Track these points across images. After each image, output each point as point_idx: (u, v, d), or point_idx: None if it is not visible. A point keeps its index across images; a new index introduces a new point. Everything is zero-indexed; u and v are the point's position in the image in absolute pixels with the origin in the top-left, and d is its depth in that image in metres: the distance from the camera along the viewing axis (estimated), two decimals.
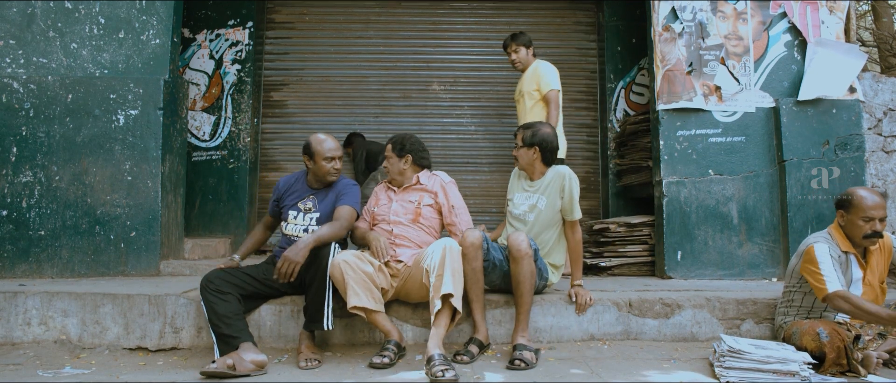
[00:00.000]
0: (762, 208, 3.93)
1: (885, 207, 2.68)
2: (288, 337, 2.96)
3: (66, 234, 3.62)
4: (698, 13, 4.07)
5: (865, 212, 2.64)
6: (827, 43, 3.99)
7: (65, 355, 2.82)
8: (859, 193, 2.68)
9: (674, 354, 2.86)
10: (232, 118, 5.06)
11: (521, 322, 2.82)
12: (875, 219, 2.63)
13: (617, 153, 5.11)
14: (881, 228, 2.66)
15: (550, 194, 3.07)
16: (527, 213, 3.11)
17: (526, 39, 4.18)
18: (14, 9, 3.75)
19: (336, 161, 2.98)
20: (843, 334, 2.46)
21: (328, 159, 2.95)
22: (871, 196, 2.66)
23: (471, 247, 2.79)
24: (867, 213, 2.63)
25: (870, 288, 2.72)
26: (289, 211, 3.01)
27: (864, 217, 2.65)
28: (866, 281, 2.72)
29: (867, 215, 2.64)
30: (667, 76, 4.03)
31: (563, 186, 3.05)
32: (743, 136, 3.98)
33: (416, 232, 3.06)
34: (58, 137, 3.67)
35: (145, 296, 2.97)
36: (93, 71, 3.75)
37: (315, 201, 3.01)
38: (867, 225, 2.65)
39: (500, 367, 2.65)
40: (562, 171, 3.09)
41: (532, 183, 3.14)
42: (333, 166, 2.98)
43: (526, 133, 3.12)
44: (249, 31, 5.12)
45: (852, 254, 2.72)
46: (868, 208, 2.63)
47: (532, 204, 3.10)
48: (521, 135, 3.13)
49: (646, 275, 4.11)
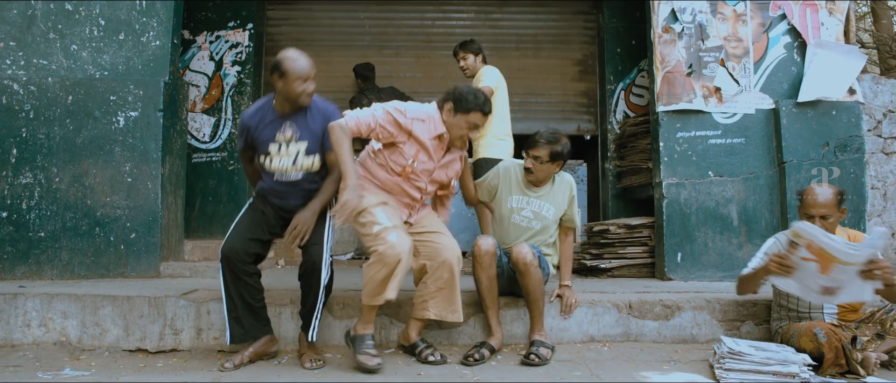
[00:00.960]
0: (762, 210, 3.93)
1: (833, 207, 2.68)
2: (287, 339, 2.96)
3: (66, 236, 3.62)
4: (698, 15, 4.07)
5: (807, 208, 2.71)
6: (826, 44, 3.99)
7: (64, 357, 2.82)
8: (810, 190, 2.74)
9: (674, 356, 2.86)
10: (232, 120, 5.06)
11: (537, 322, 2.86)
12: (815, 216, 2.67)
13: (617, 154, 5.12)
14: (821, 226, 2.64)
15: (558, 203, 3.02)
16: (531, 220, 2.99)
17: (475, 47, 4.20)
18: (14, 10, 3.75)
19: (310, 81, 2.64)
20: (840, 334, 2.48)
21: (302, 80, 2.61)
22: (821, 193, 2.70)
23: (486, 255, 2.78)
24: (808, 210, 2.70)
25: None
26: (267, 145, 2.72)
27: (806, 213, 2.72)
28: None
29: (808, 212, 2.70)
30: (667, 78, 4.03)
31: (572, 196, 3.04)
32: (743, 138, 3.98)
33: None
34: (58, 139, 3.67)
35: (145, 298, 2.97)
36: (93, 72, 3.75)
37: (294, 128, 2.71)
38: (808, 221, 2.68)
39: (511, 365, 2.72)
40: (568, 180, 3.06)
41: (536, 189, 3.02)
42: (306, 88, 2.64)
43: (554, 147, 2.89)
44: (249, 33, 5.13)
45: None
46: (809, 205, 2.70)
47: (537, 211, 3.00)
48: (548, 149, 2.89)
49: (646, 277, 4.11)
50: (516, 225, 3.01)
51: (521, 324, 3.04)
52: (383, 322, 3.01)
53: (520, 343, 3.02)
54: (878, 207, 4.16)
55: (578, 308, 3.08)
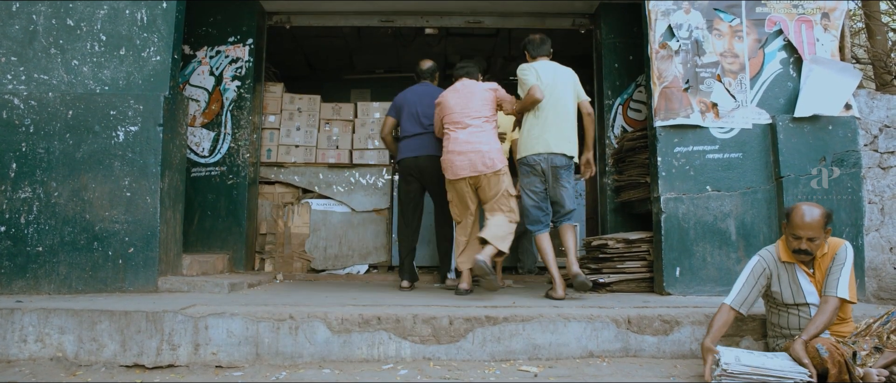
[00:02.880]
0: (760, 224, 3.93)
1: (820, 229, 2.67)
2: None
3: (65, 250, 3.62)
4: (694, 31, 4.11)
5: (794, 229, 2.70)
6: (822, 60, 4.03)
7: (61, 372, 2.81)
8: (797, 210, 2.72)
9: (673, 371, 2.85)
10: (231, 134, 5.08)
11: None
12: (802, 238, 2.67)
13: (615, 169, 5.13)
14: (808, 247, 2.68)
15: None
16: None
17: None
18: (16, 26, 3.78)
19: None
20: (841, 349, 2.47)
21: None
22: (808, 213, 2.67)
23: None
24: (795, 232, 2.69)
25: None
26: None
27: (793, 234, 2.71)
28: (820, 289, 2.75)
29: (795, 233, 2.70)
30: (664, 93, 4.06)
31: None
32: (740, 153, 4.00)
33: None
34: (57, 153, 3.68)
35: (143, 313, 2.95)
36: (93, 87, 3.77)
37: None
38: (795, 242, 2.71)
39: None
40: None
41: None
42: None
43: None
44: (250, 48, 5.16)
45: (795, 263, 2.78)
46: (797, 226, 2.69)
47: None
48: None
49: (645, 292, 4.11)
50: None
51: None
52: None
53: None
54: (875, 222, 4.17)
55: (577, 323, 3.07)
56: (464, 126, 3.93)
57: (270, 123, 5.67)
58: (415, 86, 4.66)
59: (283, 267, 5.44)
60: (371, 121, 5.82)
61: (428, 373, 2.78)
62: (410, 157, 4.43)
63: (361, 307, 3.22)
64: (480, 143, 3.87)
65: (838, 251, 2.75)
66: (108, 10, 3.83)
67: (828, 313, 2.62)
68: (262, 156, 5.55)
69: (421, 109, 4.45)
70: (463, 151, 3.87)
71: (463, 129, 3.92)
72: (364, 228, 5.68)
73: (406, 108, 4.50)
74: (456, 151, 3.90)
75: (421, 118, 4.43)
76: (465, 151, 3.87)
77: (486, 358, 2.99)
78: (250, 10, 5.21)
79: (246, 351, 2.94)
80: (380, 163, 5.74)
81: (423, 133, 4.41)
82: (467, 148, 3.87)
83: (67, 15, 3.81)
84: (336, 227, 5.65)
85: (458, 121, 3.95)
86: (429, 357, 2.97)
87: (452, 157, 3.91)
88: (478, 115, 3.93)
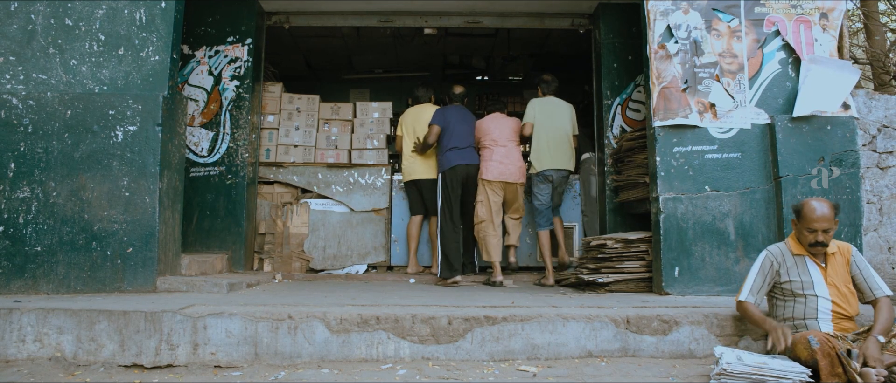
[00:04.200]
0: (759, 224, 3.94)
1: (832, 220, 2.80)
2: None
3: (63, 250, 3.61)
4: (693, 31, 4.12)
5: (809, 223, 2.81)
6: (820, 59, 4.03)
7: (59, 372, 2.80)
8: (808, 205, 2.84)
9: (672, 371, 2.85)
10: (230, 134, 5.07)
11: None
12: (818, 231, 2.79)
13: (614, 169, 5.13)
14: (824, 239, 2.81)
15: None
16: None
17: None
18: (15, 25, 3.78)
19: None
20: (833, 342, 2.50)
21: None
22: (819, 208, 2.80)
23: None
24: (810, 225, 2.81)
25: (834, 288, 2.85)
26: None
27: (808, 228, 2.83)
28: (829, 281, 2.85)
29: (811, 227, 2.81)
30: (663, 93, 4.06)
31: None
32: (739, 153, 4.00)
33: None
34: (56, 153, 3.67)
35: (141, 313, 2.95)
36: (92, 87, 3.77)
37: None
38: (811, 235, 2.83)
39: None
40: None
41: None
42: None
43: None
44: (248, 48, 5.16)
45: (806, 256, 2.89)
46: (812, 220, 2.80)
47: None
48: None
49: (643, 292, 4.11)
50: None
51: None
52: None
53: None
54: (874, 222, 4.17)
55: (576, 323, 3.08)
56: (502, 144, 5.03)
57: (269, 123, 5.67)
58: (451, 107, 5.25)
59: (282, 266, 5.44)
60: (370, 121, 5.82)
61: (427, 373, 2.78)
62: (463, 165, 5.04)
63: (360, 307, 3.22)
64: (517, 160, 5.05)
65: (853, 255, 2.89)
66: (106, 10, 3.83)
67: (887, 309, 2.72)
68: (261, 155, 5.55)
69: (465, 128, 5.16)
70: (503, 162, 4.98)
71: (501, 147, 5.03)
72: (363, 228, 5.68)
73: (452, 125, 5.13)
74: (497, 161, 4.99)
75: (466, 135, 5.14)
76: (505, 163, 4.98)
77: (485, 357, 2.99)
78: (249, 9, 5.20)
79: (245, 351, 2.94)
80: (379, 163, 5.74)
81: (469, 147, 5.13)
82: (507, 161, 4.99)
83: (66, 14, 3.81)
84: (335, 227, 5.65)
85: (495, 140, 5.07)
86: (428, 357, 2.98)
87: (495, 165, 4.98)
88: (509, 140, 5.09)
